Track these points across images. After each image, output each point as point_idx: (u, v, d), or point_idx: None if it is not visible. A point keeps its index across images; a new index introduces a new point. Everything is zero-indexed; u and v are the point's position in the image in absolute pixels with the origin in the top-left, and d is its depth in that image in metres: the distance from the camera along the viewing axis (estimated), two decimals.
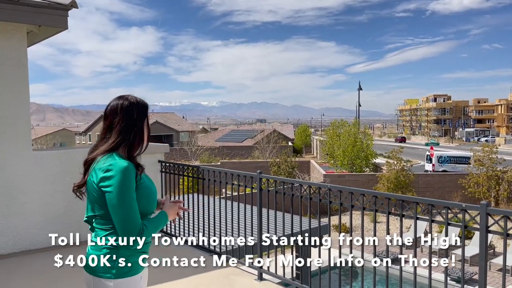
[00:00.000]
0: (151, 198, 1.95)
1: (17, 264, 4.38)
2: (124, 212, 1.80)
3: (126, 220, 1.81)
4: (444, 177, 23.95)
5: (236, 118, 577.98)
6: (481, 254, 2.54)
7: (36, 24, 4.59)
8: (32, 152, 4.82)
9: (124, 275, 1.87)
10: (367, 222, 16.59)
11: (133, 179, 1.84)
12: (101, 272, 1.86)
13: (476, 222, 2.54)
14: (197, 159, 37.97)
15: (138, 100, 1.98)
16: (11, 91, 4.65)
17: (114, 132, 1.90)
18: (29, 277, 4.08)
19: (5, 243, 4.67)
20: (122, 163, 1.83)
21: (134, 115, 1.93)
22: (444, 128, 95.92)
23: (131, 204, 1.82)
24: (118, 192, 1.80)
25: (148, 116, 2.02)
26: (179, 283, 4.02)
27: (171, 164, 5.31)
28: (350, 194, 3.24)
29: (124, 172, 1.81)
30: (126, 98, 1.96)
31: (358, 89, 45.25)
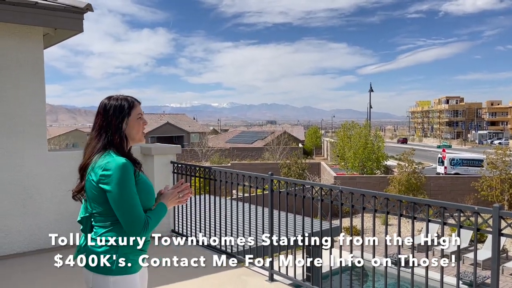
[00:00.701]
0: (149, 193, 1.97)
1: (32, 263, 4.46)
2: (127, 207, 1.83)
3: (130, 215, 1.83)
4: (456, 179, 23.71)
5: (247, 119, 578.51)
6: (494, 258, 2.54)
7: (53, 27, 4.68)
8: (47, 153, 4.91)
9: (123, 272, 1.89)
10: (378, 225, 16.51)
11: (131, 175, 1.87)
12: (100, 268, 1.89)
13: (489, 225, 2.54)
14: (208, 160, 38.10)
15: (128, 98, 2.01)
16: (28, 93, 4.75)
17: (105, 131, 1.94)
18: (42, 276, 4.15)
19: (21, 241, 4.76)
20: (120, 160, 1.86)
21: (125, 114, 1.97)
22: (456, 131, 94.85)
23: (132, 198, 1.84)
24: (119, 188, 1.82)
25: (142, 113, 2.04)
26: (190, 283, 4.06)
27: (183, 165, 5.36)
28: (362, 196, 3.25)
29: (122, 168, 1.84)
30: (116, 98, 2.00)
31: (369, 91, 45.01)
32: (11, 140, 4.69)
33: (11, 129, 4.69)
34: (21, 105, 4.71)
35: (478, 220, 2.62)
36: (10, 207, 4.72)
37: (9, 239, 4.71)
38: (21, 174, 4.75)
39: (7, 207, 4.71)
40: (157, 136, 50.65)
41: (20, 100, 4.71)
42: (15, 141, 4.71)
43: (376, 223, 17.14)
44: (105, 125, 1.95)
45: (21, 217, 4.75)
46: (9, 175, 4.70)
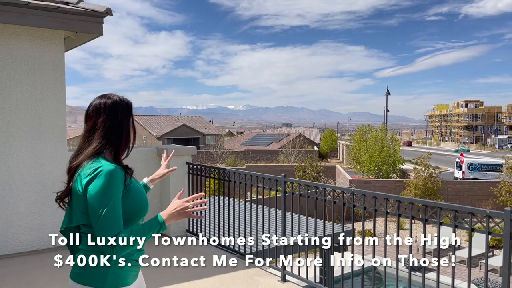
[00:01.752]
0: (142, 201, 1.83)
1: (52, 259, 4.59)
2: (102, 218, 1.66)
3: (102, 227, 1.66)
4: (474, 184, 23.32)
5: (262, 122, 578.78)
6: (505, 262, 2.54)
7: (74, 30, 4.82)
8: (67, 153, 5.05)
9: (116, 284, 1.76)
10: (393, 229, 16.35)
11: (119, 183, 1.72)
12: (91, 281, 1.75)
13: (501, 229, 2.54)
14: (223, 162, 38.28)
15: (122, 98, 1.85)
16: (49, 94, 4.90)
17: (98, 134, 1.77)
18: (59, 272, 4.27)
19: (41, 238, 4.90)
20: (108, 166, 1.71)
21: (119, 115, 1.81)
22: (475, 135, 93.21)
23: (110, 210, 1.67)
24: (99, 194, 1.67)
25: (133, 116, 1.88)
26: (203, 282, 4.13)
27: (198, 166, 5.44)
28: (374, 198, 3.27)
29: (109, 175, 1.69)
30: (109, 97, 1.83)
31: (386, 94, 44.63)
32: (33, 140, 4.85)
33: (33, 129, 4.84)
34: (43, 106, 4.87)
35: (490, 224, 2.62)
36: (31, 205, 4.87)
37: (27, 236, 4.85)
38: (41, 173, 4.90)
39: (29, 205, 4.86)
40: (173, 138, 51.13)
41: (41, 101, 4.86)
42: (37, 141, 4.87)
43: (391, 227, 16.93)
44: (115, 126, 1.80)
45: (41, 214, 4.90)
46: (31, 173, 4.86)
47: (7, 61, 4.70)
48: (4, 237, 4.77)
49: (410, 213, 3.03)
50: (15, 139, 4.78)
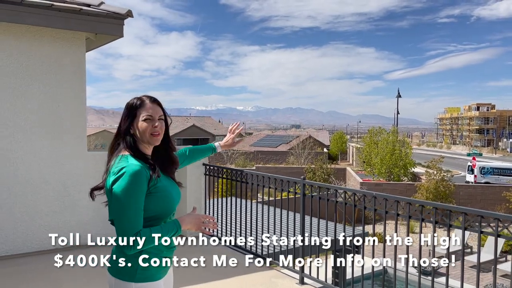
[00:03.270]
0: (170, 200, 1.89)
1: (69, 259, 4.64)
2: (122, 218, 1.74)
3: (122, 226, 1.75)
4: (486, 188, 23.08)
5: (271, 123, 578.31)
6: None
7: (95, 32, 4.89)
8: (87, 153, 5.11)
9: (146, 279, 1.83)
10: (404, 232, 16.25)
11: (142, 183, 1.77)
12: (123, 274, 1.83)
13: (511, 232, 2.52)
14: (233, 163, 38.34)
15: (135, 98, 1.95)
16: (70, 95, 4.97)
17: (119, 133, 1.92)
18: (78, 272, 4.31)
19: (61, 237, 4.96)
20: (132, 167, 1.78)
21: (127, 113, 1.92)
22: (487, 138, 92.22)
23: (130, 210, 1.74)
24: (121, 194, 1.74)
25: (138, 112, 1.90)
26: (222, 283, 4.15)
27: (215, 167, 5.47)
28: (396, 203, 3.27)
29: (132, 176, 1.75)
30: (135, 98, 1.96)
31: (397, 96, 44.36)
32: (54, 139, 4.92)
33: (54, 129, 4.91)
34: (64, 106, 4.94)
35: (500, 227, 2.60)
36: (52, 204, 4.94)
37: (45, 235, 4.92)
38: (61, 172, 4.97)
39: (49, 204, 4.93)
40: (183, 139, 51.34)
41: (63, 101, 4.93)
42: (57, 140, 4.94)
43: (402, 230, 16.82)
44: (120, 126, 1.93)
45: (61, 213, 4.97)
46: (51, 173, 4.92)
47: (29, 61, 4.78)
48: (25, 235, 4.84)
49: (421, 215, 3.05)
50: (36, 138, 4.85)
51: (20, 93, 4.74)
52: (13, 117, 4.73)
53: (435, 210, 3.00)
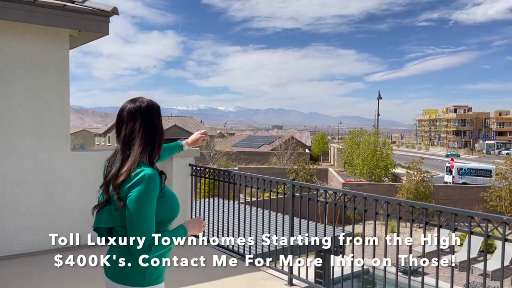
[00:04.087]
0: (176, 204, 1.89)
1: (53, 261, 4.51)
2: (138, 223, 1.73)
3: (138, 232, 1.73)
4: (465, 189, 23.60)
5: (253, 123, 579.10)
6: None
7: (80, 29, 4.77)
8: (70, 152, 4.99)
9: (154, 282, 1.84)
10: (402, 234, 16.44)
11: (157, 188, 1.77)
12: (131, 280, 1.81)
13: (500, 233, 2.56)
14: (215, 163, 38.17)
15: (153, 102, 1.91)
16: (53, 93, 4.84)
17: (138, 139, 1.80)
18: (63, 275, 4.20)
19: (42, 239, 4.82)
20: (149, 171, 1.76)
21: (154, 118, 1.87)
22: (463, 140, 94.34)
23: (147, 214, 1.74)
24: (139, 199, 1.72)
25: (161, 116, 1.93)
26: (209, 285, 4.10)
27: (201, 168, 5.41)
28: (386, 204, 3.28)
29: (150, 180, 1.74)
30: (142, 101, 1.87)
31: (378, 98, 44.91)
32: (35, 139, 4.78)
33: (36, 128, 4.77)
34: (47, 105, 4.80)
35: (491, 230, 2.64)
36: (33, 206, 4.80)
37: (33, 237, 4.78)
38: (43, 173, 4.83)
39: (30, 206, 4.78)
40: (165, 139, 50.78)
41: (46, 100, 4.80)
42: (39, 140, 4.80)
43: (395, 231, 17.09)
44: (147, 131, 1.83)
45: (44, 214, 4.83)
46: (32, 173, 4.78)
47: (11, 58, 4.63)
48: (4, 237, 4.69)
49: (398, 213, 3.12)
50: (17, 137, 4.70)
51: (0, 91, 4.59)
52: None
53: (425, 211, 3.02)
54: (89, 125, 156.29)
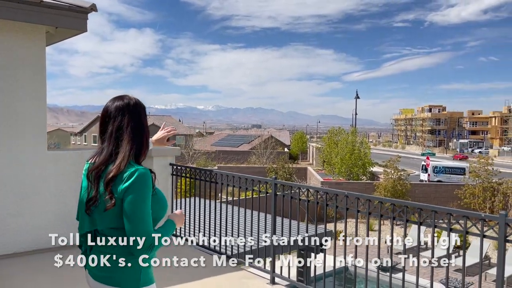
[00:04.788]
0: (165, 203, 1.88)
1: (29, 263, 4.41)
2: (140, 222, 1.70)
3: (139, 231, 1.70)
4: (440, 187, 24.15)
5: (232, 122, 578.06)
6: (499, 265, 2.63)
7: (57, 26, 4.65)
8: (47, 152, 4.87)
9: (148, 282, 1.82)
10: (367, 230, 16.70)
11: (151, 186, 1.75)
12: (127, 282, 1.78)
13: (495, 232, 2.63)
14: (194, 163, 37.95)
15: (138, 100, 1.88)
16: (30, 91, 4.71)
17: (126, 136, 1.78)
18: (40, 277, 4.11)
19: (19, 240, 4.70)
20: (143, 169, 1.74)
21: (141, 116, 1.85)
22: (438, 139, 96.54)
23: (146, 214, 1.72)
24: (139, 198, 1.70)
25: None
26: (190, 285, 4.07)
27: (182, 167, 5.36)
28: (368, 202, 3.32)
29: (146, 179, 1.73)
30: (129, 98, 1.85)
31: (355, 98, 45.51)
32: (11, 138, 4.64)
33: (11, 127, 4.64)
34: (23, 103, 4.67)
35: (469, 226, 2.71)
36: (9, 206, 4.66)
37: (6, 239, 4.64)
38: (19, 173, 4.70)
39: (6, 206, 4.65)
40: None
41: (21, 98, 4.67)
42: (15, 139, 4.66)
43: (376, 228, 17.34)
44: (135, 129, 1.80)
45: (20, 216, 4.70)
46: (8, 173, 4.65)
47: None
48: None
49: (379, 211, 3.21)
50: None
51: None
52: None
53: (406, 208, 3.07)
54: (65, 124, 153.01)
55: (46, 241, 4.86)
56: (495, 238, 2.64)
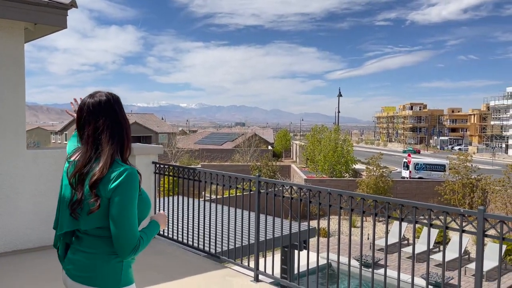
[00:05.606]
0: (149, 203, 1.86)
1: (8, 264, 4.32)
2: (127, 224, 1.67)
3: (126, 232, 1.67)
4: (421, 183, 24.53)
5: (215, 120, 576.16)
6: (478, 258, 2.68)
7: (36, 22, 4.56)
8: (26, 151, 4.77)
9: (128, 282, 1.79)
10: (352, 228, 16.84)
11: (138, 187, 1.72)
12: (107, 283, 1.74)
13: (474, 227, 2.68)
14: (177, 161, 37.69)
15: (112, 94, 1.82)
16: (8, 89, 4.60)
17: (105, 136, 1.72)
18: (19, 277, 4.03)
19: None
20: (130, 169, 1.70)
21: (116, 111, 1.78)
22: (419, 136, 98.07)
23: (133, 215, 1.69)
24: (127, 200, 1.67)
25: None
26: (176, 283, 4.04)
27: (165, 166, 5.32)
28: (350, 198, 3.36)
29: (135, 179, 1.70)
30: (100, 95, 1.79)
31: (338, 96, 45.87)
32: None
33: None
34: (1, 102, 4.56)
35: (463, 222, 2.76)
36: None
37: None
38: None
39: None
40: None
41: (0, 97, 4.56)
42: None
43: (359, 225, 17.56)
44: (113, 127, 1.75)
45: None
46: None
47: None
48: None
49: (362, 208, 3.25)
50: None
51: None
52: None
53: (387, 204, 3.11)
54: (44, 123, 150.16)
55: (25, 241, 4.78)
56: (474, 233, 2.69)
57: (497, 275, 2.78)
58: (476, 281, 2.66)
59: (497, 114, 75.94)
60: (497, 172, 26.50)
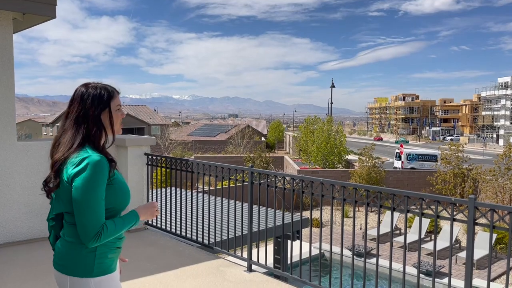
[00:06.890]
0: (126, 193, 1.86)
1: (0, 256, 4.30)
2: (87, 210, 1.69)
3: (87, 219, 1.69)
4: (413, 174, 24.70)
5: (208, 112, 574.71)
6: (468, 247, 2.71)
7: (24, 12, 4.49)
8: (17, 143, 4.72)
9: (103, 272, 1.80)
10: (345, 218, 16.95)
11: (104, 174, 1.73)
12: (79, 271, 1.76)
13: (465, 215, 2.71)
14: (170, 153, 37.59)
15: (102, 87, 1.86)
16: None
17: (69, 123, 1.79)
18: (11, 270, 4.01)
19: None
20: (94, 157, 1.72)
21: (90, 104, 1.81)
22: (412, 127, 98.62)
23: (95, 202, 1.70)
24: (85, 188, 1.68)
25: (111, 104, 1.86)
26: (169, 274, 4.05)
27: (157, 157, 5.30)
28: (343, 188, 3.37)
29: (95, 166, 1.71)
30: (90, 86, 1.85)
31: (331, 87, 45.85)
32: None
33: None
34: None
35: (455, 211, 2.78)
36: None
37: None
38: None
39: None
40: None
41: None
42: None
43: (351, 215, 17.69)
44: (82, 116, 1.79)
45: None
46: None
47: None
48: None
49: (354, 197, 3.25)
50: None
51: None
52: None
53: (379, 194, 3.13)
54: (36, 115, 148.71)
55: (17, 233, 4.75)
56: (465, 221, 2.72)
57: (488, 263, 2.81)
58: (467, 269, 2.69)
59: (489, 105, 76.48)
60: (488, 162, 26.76)
